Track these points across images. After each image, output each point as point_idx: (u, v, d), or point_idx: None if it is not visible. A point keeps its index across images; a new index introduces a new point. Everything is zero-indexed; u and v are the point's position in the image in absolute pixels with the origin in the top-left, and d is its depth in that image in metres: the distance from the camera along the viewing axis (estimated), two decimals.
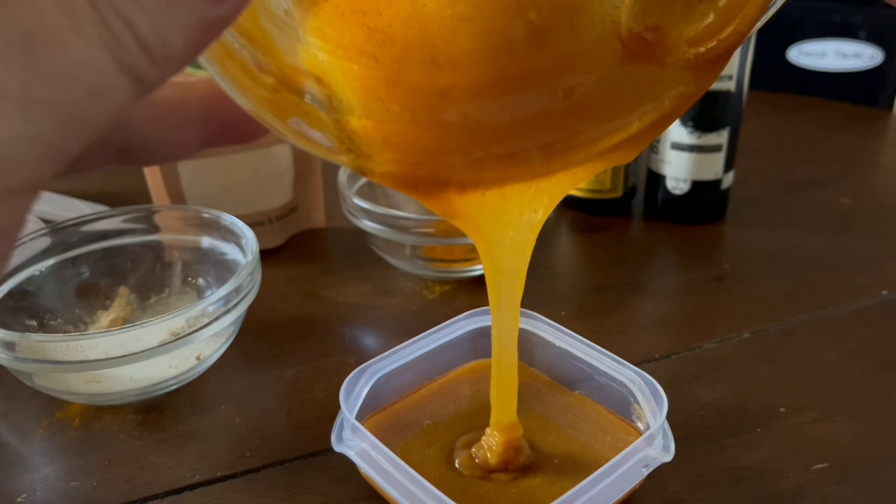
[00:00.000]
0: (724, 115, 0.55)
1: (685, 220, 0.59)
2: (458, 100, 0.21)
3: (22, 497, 0.35)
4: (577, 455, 0.35)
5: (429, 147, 0.21)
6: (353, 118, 0.21)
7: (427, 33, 0.20)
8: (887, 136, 0.79)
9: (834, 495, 0.34)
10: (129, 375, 0.38)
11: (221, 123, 0.19)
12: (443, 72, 0.20)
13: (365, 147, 0.21)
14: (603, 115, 0.22)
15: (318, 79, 0.20)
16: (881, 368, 0.42)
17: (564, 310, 0.48)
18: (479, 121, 0.21)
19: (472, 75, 0.20)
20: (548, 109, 0.21)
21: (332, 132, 0.21)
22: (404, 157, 0.22)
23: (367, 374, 0.36)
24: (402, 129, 0.21)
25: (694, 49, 0.20)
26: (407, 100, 0.21)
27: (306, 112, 0.20)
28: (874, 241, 0.56)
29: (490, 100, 0.21)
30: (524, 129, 0.21)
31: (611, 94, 0.21)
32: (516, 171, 0.23)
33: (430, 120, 0.21)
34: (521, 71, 0.20)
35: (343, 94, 0.21)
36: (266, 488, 0.35)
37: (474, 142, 0.22)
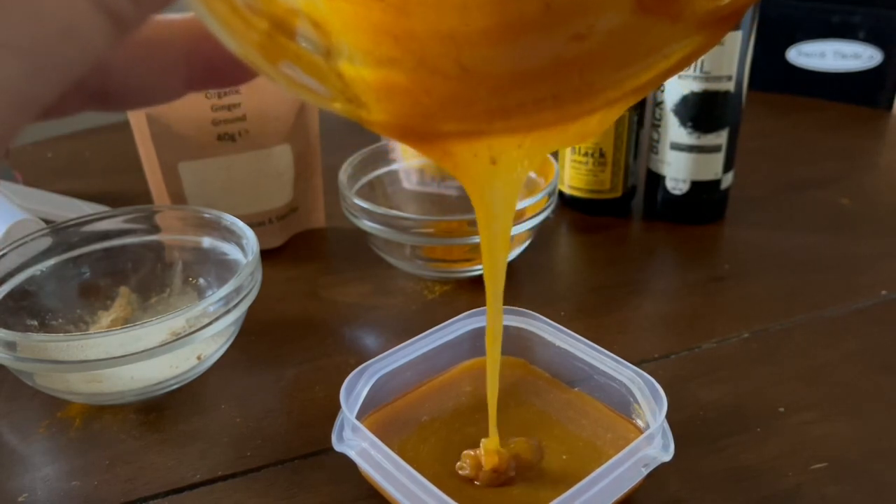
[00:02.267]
0: (723, 116, 0.55)
1: (685, 221, 0.59)
2: (466, 46, 0.20)
3: (23, 497, 0.35)
4: (577, 452, 0.35)
5: (431, 96, 0.21)
6: (352, 65, 0.20)
7: None
8: (886, 137, 0.79)
9: (833, 495, 0.34)
10: (129, 375, 0.38)
11: (207, 65, 0.18)
12: (451, 15, 0.19)
13: (362, 95, 0.20)
14: (610, 65, 0.21)
15: (317, 22, 0.19)
16: (881, 368, 0.42)
17: (564, 310, 0.48)
18: (486, 69, 0.20)
19: (482, 19, 0.19)
20: (554, 58, 0.21)
21: (327, 78, 0.20)
22: (404, 107, 0.21)
23: (368, 374, 0.36)
24: (404, 77, 0.20)
25: (709, 5, 0.20)
26: (411, 46, 0.20)
27: (300, 56, 0.19)
28: (873, 241, 0.57)
29: (499, 46, 0.20)
30: (530, 78, 0.21)
31: (619, 45, 0.21)
32: (517, 121, 0.22)
33: (434, 67, 0.20)
34: (532, 15, 0.20)
35: (343, 39, 0.20)
36: (266, 488, 0.35)
37: (479, 91, 0.21)
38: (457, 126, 0.22)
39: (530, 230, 0.51)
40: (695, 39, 0.21)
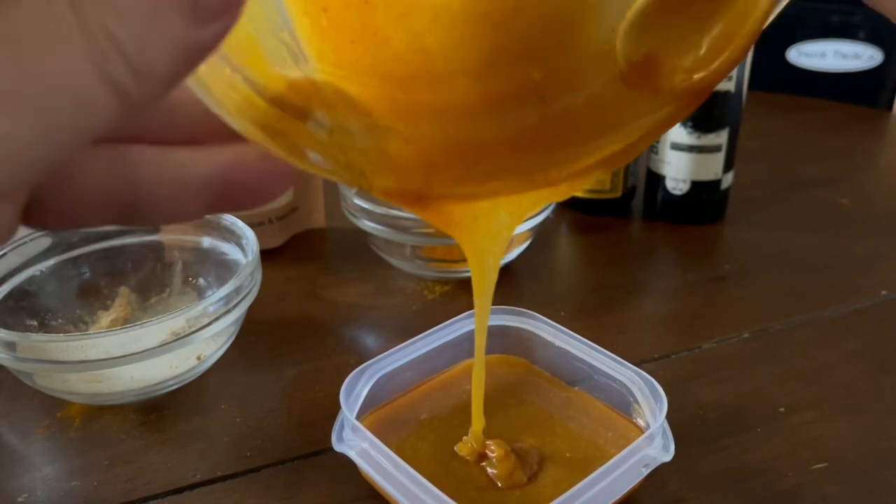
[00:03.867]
0: (723, 116, 0.55)
1: (685, 221, 0.59)
2: (459, 118, 0.21)
3: (22, 497, 0.35)
4: (578, 450, 0.35)
5: (429, 164, 0.22)
6: (355, 138, 0.21)
7: (432, 56, 0.20)
8: (886, 137, 0.79)
9: (833, 495, 0.34)
10: (129, 375, 0.38)
11: (228, 192, 0.19)
12: (445, 92, 0.21)
13: (362, 166, 0.21)
14: (591, 133, 0.23)
15: (322, 101, 0.21)
16: (881, 368, 0.42)
17: (564, 310, 0.48)
18: (476, 138, 0.22)
19: (472, 94, 0.21)
20: (541, 129, 0.22)
21: (329, 153, 0.21)
22: (403, 174, 0.22)
23: (368, 374, 0.36)
24: (400, 148, 0.21)
25: (687, 78, 0.21)
26: (409, 120, 0.21)
27: (304, 133, 0.20)
28: (873, 241, 0.57)
29: (489, 121, 0.22)
30: (521, 147, 0.22)
31: (601, 115, 0.22)
32: (507, 185, 0.24)
33: (431, 138, 0.21)
34: (519, 90, 0.21)
35: (345, 115, 0.21)
36: (266, 488, 0.35)
37: (473, 159, 0.22)
38: (449, 190, 0.23)
39: (531, 230, 0.51)
40: (669, 108, 0.22)
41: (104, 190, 0.17)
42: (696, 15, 0.20)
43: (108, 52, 0.12)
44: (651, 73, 0.21)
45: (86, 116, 0.13)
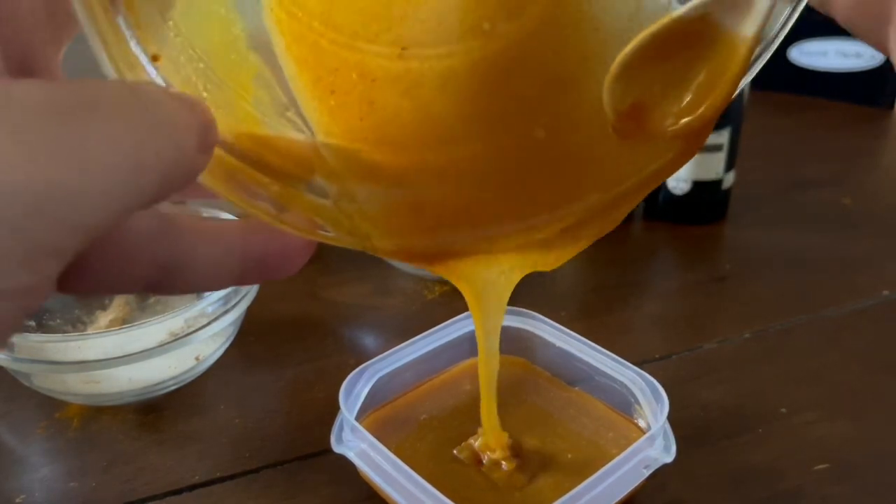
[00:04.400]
0: (724, 115, 0.54)
1: (686, 220, 0.59)
2: (466, 177, 0.22)
3: (20, 498, 0.35)
4: (579, 451, 0.35)
5: (435, 224, 0.23)
6: (361, 204, 0.22)
7: (439, 123, 0.21)
8: (888, 136, 0.79)
9: (835, 496, 0.34)
10: (127, 376, 0.38)
11: (258, 255, 0.20)
12: (453, 153, 0.22)
13: (371, 230, 0.23)
14: (593, 184, 0.24)
15: (326, 170, 0.21)
16: (882, 369, 0.42)
17: (565, 310, 0.48)
18: (482, 195, 0.23)
19: (478, 154, 0.22)
20: (544, 184, 0.23)
21: (335, 220, 0.22)
22: (409, 235, 0.23)
23: (367, 375, 0.36)
24: (409, 209, 0.23)
25: (674, 123, 0.22)
26: (416, 182, 0.22)
27: (307, 204, 0.21)
28: (875, 241, 0.56)
29: (493, 176, 0.23)
30: (524, 202, 0.24)
31: (603, 166, 0.23)
32: (511, 240, 0.25)
33: (438, 198, 0.22)
34: (524, 148, 0.22)
35: (350, 182, 0.22)
36: (265, 489, 0.35)
37: (478, 216, 0.23)
38: (454, 248, 0.24)
39: None
40: (667, 156, 0.23)
41: (146, 253, 0.17)
42: (677, 64, 0.21)
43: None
44: (639, 121, 0.21)
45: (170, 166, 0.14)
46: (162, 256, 0.18)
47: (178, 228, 0.18)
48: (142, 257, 0.17)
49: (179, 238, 0.18)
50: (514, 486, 0.33)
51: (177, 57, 0.19)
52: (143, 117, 0.14)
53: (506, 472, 0.33)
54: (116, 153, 0.13)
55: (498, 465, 0.34)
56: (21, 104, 0.13)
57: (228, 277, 0.19)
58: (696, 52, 0.20)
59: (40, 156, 0.13)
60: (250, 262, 0.19)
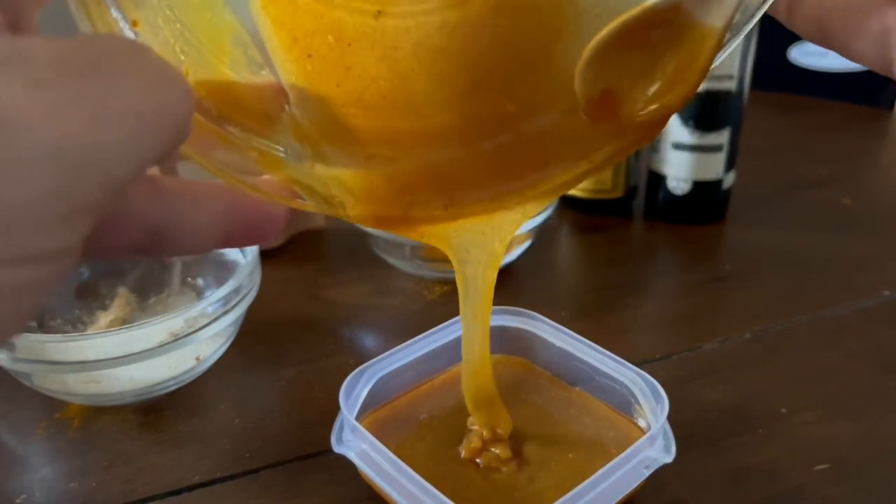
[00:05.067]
0: (725, 115, 0.55)
1: (686, 221, 0.59)
2: (439, 144, 0.23)
3: (21, 498, 0.35)
4: (580, 450, 0.35)
5: (408, 189, 0.23)
6: (334, 166, 0.22)
7: (414, 91, 0.21)
8: (888, 137, 0.79)
9: (835, 496, 0.34)
10: (128, 376, 0.38)
11: (242, 219, 0.20)
12: (426, 121, 0.22)
13: (344, 195, 0.23)
14: (559, 158, 0.24)
15: (300, 133, 0.22)
16: (882, 369, 0.42)
17: (565, 310, 0.48)
18: (453, 163, 0.23)
19: (451, 123, 0.22)
20: (513, 155, 0.24)
21: (306, 185, 0.22)
22: (384, 200, 0.23)
23: (367, 375, 0.36)
24: (384, 173, 0.23)
25: (643, 109, 0.22)
26: (390, 146, 0.22)
27: (283, 167, 0.22)
28: (875, 241, 0.56)
29: (464, 144, 0.23)
30: (494, 171, 0.24)
31: (568, 143, 0.24)
32: (480, 206, 0.25)
33: (411, 163, 0.23)
34: (495, 120, 0.23)
35: (323, 144, 0.22)
36: (265, 489, 0.35)
37: (449, 182, 0.24)
38: (426, 213, 0.25)
39: (531, 231, 0.50)
40: (628, 139, 0.23)
41: (138, 215, 0.17)
42: (648, 52, 0.21)
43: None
44: (609, 107, 0.22)
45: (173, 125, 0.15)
46: (153, 218, 0.18)
47: (167, 190, 0.18)
48: (134, 219, 0.17)
49: (169, 200, 0.18)
50: (514, 485, 0.33)
51: (154, 19, 0.19)
52: (153, 71, 0.14)
53: (506, 472, 0.33)
54: (136, 104, 0.14)
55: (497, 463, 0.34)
56: (35, 59, 0.13)
57: (214, 240, 0.19)
58: (666, 41, 0.21)
59: (63, 109, 0.12)
60: (236, 226, 0.19)
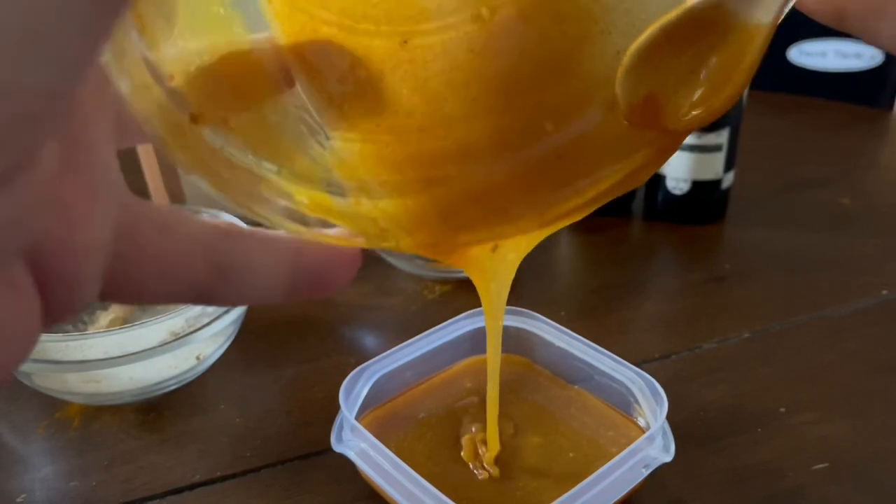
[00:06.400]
0: (724, 115, 0.54)
1: (685, 220, 0.59)
2: (476, 164, 0.22)
3: (21, 497, 0.35)
4: (580, 449, 0.35)
5: (449, 214, 0.23)
6: (377, 198, 0.22)
7: (450, 120, 0.21)
8: (887, 137, 0.79)
9: (834, 495, 0.34)
10: (128, 375, 0.38)
11: (311, 264, 0.19)
12: (459, 142, 0.22)
13: (391, 227, 0.23)
14: (595, 169, 0.24)
15: (344, 167, 0.22)
16: (881, 368, 0.42)
17: (564, 310, 0.48)
18: (491, 183, 0.23)
19: (487, 143, 0.22)
20: (551, 169, 0.23)
21: (363, 225, 0.22)
22: (426, 227, 0.23)
23: (367, 374, 0.36)
24: (422, 200, 0.23)
25: (687, 113, 0.21)
26: (427, 169, 0.22)
27: (332, 209, 0.21)
28: (874, 240, 0.56)
29: (502, 164, 0.23)
30: (533, 187, 0.24)
31: (604, 151, 0.23)
32: (522, 225, 0.25)
33: (449, 186, 0.23)
34: (531, 136, 0.22)
35: (368, 178, 0.22)
36: (266, 488, 0.35)
37: (489, 203, 0.23)
38: (469, 237, 0.25)
39: None
40: (666, 142, 0.23)
41: (200, 256, 0.17)
42: (691, 55, 0.20)
43: None
44: (652, 112, 0.21)
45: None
46: (218, 251, 0.17)
47: (230, 234, 0.17)
48: (195, 260, 0.17)
49: (235, 237, 0.17)
50: (513, 484, 0.33)
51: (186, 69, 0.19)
52: None
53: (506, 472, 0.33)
54: None
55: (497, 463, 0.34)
56: None
57: (280, 286, 0.18)
58: (709, 42, 0.20)
59: None
60: (302, 274, 0.19)
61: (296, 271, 0.19)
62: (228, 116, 0.19)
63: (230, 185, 0.19)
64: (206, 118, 0.18)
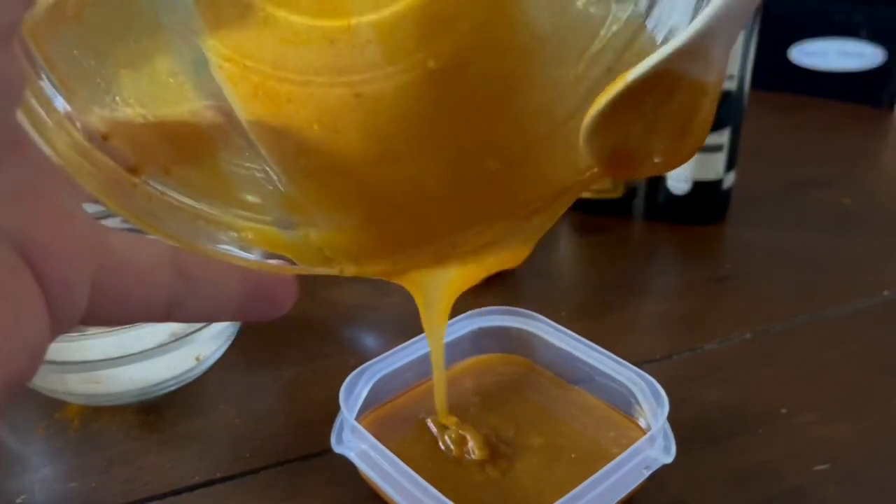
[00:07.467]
0: (725, 115, 0.55)
1: (686, 221, 0.59)
2: (420, 199, 0.24)
3: (20, 498, 0.35)
4: (581, 449, 0.35)
5: (393, 246, 0.25)
6: (321, 232, 0.23)
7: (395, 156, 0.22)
8: (888, 137, 0.79)
9: (835, 496, 0.34)
10: (128, 376, 0.38)
11: (255, 299, 0.21)
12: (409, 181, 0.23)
13: (337, 256, 0.24)
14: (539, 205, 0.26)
15: (291, 204, 0.23)
16: (882, 369, 0.42)
17: (565, 310, 0.48)
18: (436, 220, 0.24)
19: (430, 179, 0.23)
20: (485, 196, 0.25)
21: (308, 255, 0.23)
22: (370, 258, 0.25)
23: (367, 375, 0.36)
24: (368, 234, 0.24)
25: (657, 161, 0.22)
26: (372, 207, 0.23)
27: (277, 240, 0.23)
28: (876, 241, 0.56)
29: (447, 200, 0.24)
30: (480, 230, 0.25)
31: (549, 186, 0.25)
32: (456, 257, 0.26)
33: (396, 223, 0.24)
34: (477, 176, 0.24)
35: (316, 214, 0.23)
36: (265, 489, 0.35)
37: (433, 238, 0.25)
38: (415, 265, 0.26)
39: None
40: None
41: (159, 291, 0.19)
42: (646, 116, 0.21)
43: None
44: (622, 161, 0.22)
45: None
46: (180, 267, 0.19)
47: (185, 263, 0.19)
48: (164, 266, 0.18)
49: (188, 255, 0.19)
50: (514, 485, 0.33)
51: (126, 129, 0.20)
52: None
53: (506, 472, 0.33)
54: None
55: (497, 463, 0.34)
56: None
57: (233, 303, 0.20)
58: (660, 102, 0.21)
59: None
60: (250, 291, 0.21)
61: (245, 288, 0.21)
62: (171, 167, 0.20)
63: (167, 224, 0.20)
64: (146, 170, 0.20)
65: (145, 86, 0.20)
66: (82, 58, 0.19)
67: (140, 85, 0.20)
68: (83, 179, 0.18)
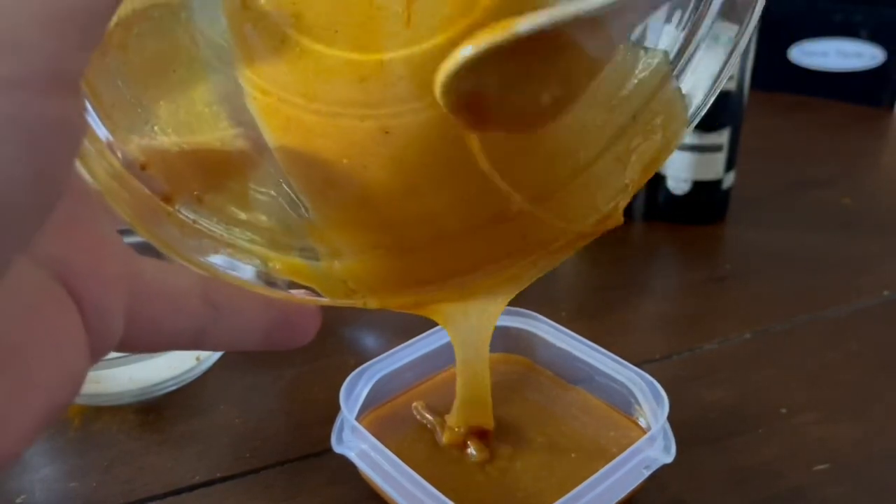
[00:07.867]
0: (725, 115, 0.55)
1: (686, 221, 0.59)
2: (441, 237, 0.25)
3: (21, 498, 0.35)
4: (581, 449, 0.35)
5: (413, 279, 0.26)
6: (343, 263, 0.24)
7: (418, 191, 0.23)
8: (888, 137, 0.79)
9: (835, 496, 0.34)
10: (128, 376, 0.38)
11: (280, 317, 0.21)
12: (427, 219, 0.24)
13: (360, 288, 0.25)
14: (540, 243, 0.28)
15: (318, 236, 0.23)
16: (883, 369, 0.42)
17: (565, 310, 0.48)
18: (455, 253, 0.25)
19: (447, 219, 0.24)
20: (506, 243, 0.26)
21: (333, 287, 0.24)
22: (390, 291, 0.26)
23: (368, 375, 0.36)
24: (391, 263, 0.25)
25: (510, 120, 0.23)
26: (396, 238, 0.24)
27: (302, 270, 0.23)
28: (875, 241, 0.56)
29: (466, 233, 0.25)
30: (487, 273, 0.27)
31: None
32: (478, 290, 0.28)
33: (412, 246, 0.25)
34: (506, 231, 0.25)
35: (342, 245, 0.24)
36: (265, 489, 0.35)
37: (453, 272, 0.26)
38: (435, 298, 0.27)
39: None
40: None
41: (191, 304, 0.19)
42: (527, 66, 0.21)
43: None
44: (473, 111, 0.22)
45: None
46: (209, 296, 0.19)
47: (214, 277, 0.20)
48: (194, 295, 0.19)
49: (218, 283, 0.20)
50: (514, 485, 0.33)
51: (162, 157, 0.20)
52: None
53: (506, 472, 0.33)
54: None
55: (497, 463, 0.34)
56: None
57: (258, 333, 0.21)
58: (545, 61, 0.21)
59: None
60: (274, 321, 0.21)
61: (270, 317, 0.21)
62: (203, 196, 0.21)
63: (196, 252, 0.21)
64: (180, 199, 0.20)
65: (182, 115, 0.20)
66: (125, 87, 0.19)
67: (178, 114, 0.20)
68: (119, 207, 0.19)
